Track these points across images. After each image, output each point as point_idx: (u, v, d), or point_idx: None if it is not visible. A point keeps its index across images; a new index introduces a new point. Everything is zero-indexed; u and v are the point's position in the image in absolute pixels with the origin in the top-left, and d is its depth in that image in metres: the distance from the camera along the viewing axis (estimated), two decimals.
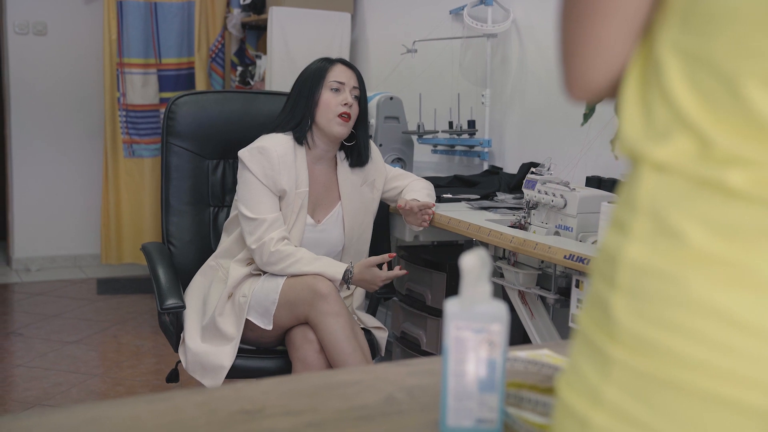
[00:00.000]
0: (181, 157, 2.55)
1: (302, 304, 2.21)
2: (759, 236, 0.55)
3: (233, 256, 2.39)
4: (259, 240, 2.26)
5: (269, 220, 2.27)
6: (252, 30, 4.66)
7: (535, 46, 3.00)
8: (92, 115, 5.00)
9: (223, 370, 2.24)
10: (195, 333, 2.33)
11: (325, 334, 2.18)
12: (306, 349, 2.22)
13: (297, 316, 2.23)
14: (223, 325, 2.28)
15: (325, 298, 2.19)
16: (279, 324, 2.26)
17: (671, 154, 0.59)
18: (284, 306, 2.23)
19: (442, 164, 3.45)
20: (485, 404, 0.94)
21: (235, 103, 2.65)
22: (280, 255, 2.26)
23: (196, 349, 2.29)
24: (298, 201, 2.33)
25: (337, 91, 2.35)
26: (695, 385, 0.56)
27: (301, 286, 2.23)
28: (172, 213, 2.55)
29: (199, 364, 2.28)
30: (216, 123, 2.59)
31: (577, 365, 0.63)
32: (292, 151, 2.32)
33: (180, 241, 2.55)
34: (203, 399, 1.01)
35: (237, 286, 2.32)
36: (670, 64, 0.61)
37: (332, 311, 2.19)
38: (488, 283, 0.93)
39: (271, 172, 2.28)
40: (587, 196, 2.13)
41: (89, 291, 4.66)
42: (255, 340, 2.33)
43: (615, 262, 0.62)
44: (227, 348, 2.26)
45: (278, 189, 2.30)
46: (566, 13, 0.66)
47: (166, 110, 2.56)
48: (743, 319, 0.55)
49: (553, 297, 2.15)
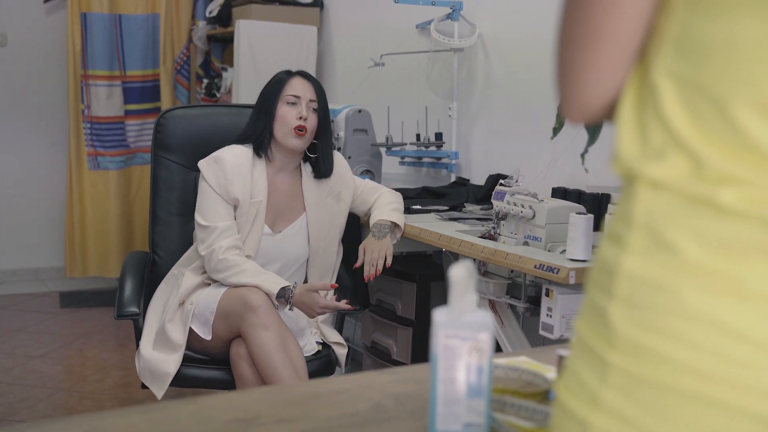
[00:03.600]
0: (169, 170, 2.61)
1: (234, 316, 2.21)
2: (748, 250, 0.60)
3: (190, 264, 2.42)
4: (209, 247, 2.30)
5: (220, 227, 2.30)
6: (217, 42, 4.67)
7: (501, 60, 3.07)
8: (56, 126, 4.95)
9: (167, 377, 2.25)
10: (149, 340, 2.35)
11: (254, 347, 2.16)
12: (240, 364, 2.20)
13: (231, 328, 2.23)
14: (171, 332, 2.30)
15: (254, 311, 2.17)
16: (217, 335, 2.26)
17: (666, 172, 0.64)
18: (221, 317, 2.24)
19: (409, 176, 3.49)
20: (473, 409, 0.97)
21: (223, 116, 2.72)
22: (226, 264, 2.28)
23: (147, 356, 2.32)
24: (253, 210, 2.35)
25: (293, 104, 2.38)
26: (689, 388, 0.60)
27: (235, 297, 2.23)
28: (158, 224, 2.60)
29: (149, 370, 2.31)
30: (204, 136, 2.64)
31: (576, 371, 0.67)
32: (249, 161, 2.36)
33: (165, 251, 2.59)
34: (196, 409, 1.03)
35: (189, 294, 2.35)
36: (664, 88, 0.65)
37: (260, 323, 2.17)
38: (475, 293, 0.97)
39: (224, 181, 2.32)
40: (555, 207, 2.19)
41: (52, 304, 4.61)
42: (202, 350, 2.34)
43: (612, 274, 0.66)
44: (174, 356, 2.27)
45: (231, 198, 2.33)
46: (564, 40, 0.71)
47: (155, 123, 2.63)
48: (733, 327, 0.59)
49: (523, 306, 2.20)
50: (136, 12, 4.66)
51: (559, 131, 1.85)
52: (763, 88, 0.60)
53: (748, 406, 0.59)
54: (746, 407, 0.59)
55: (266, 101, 2.41)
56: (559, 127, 1.84)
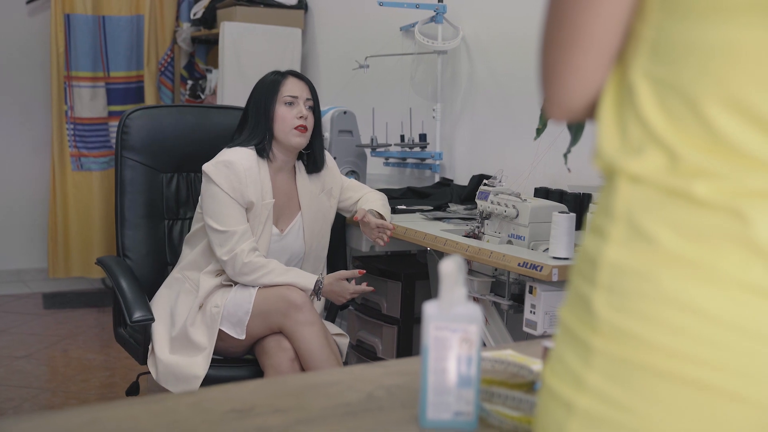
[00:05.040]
0: (135, 171, 2.58)
1: (276, 314, 2.28)
2: (721, 239, 0.64)
3: (200, 268, 2.42)
4: (230, 252, 2.31)
5: (239, 231, 2.32)
6: (201, 44, 4.69)
7: (484, 63, 3.12)
8: (39, 128, 4.94)
9: (197, 379, 2.27)
10: (164, 344, 2.36)
11: (301, 343, 2.26)
12: (280, 357, 2.27)
13: (270, 325, 2.30)
14: (194, 336, 2.32)
15: (299, 308, 2.26)
16: (251, 334, 2.31)
17: (644, 167, 0.68)
18: (258, 316, 2.29)
19: (394, 176, 3.53)
20: (462, 398, 1.01)
21: (189, 117, 2.69)
22: (253, 266, 2.31)
23: (167, 360, 2.32)
24: (265, 212, 2.38)
25: (291, 104, 2.41)
26: (667, 368, 0.64)
27: (275, 296, 2.29)
28: (127, 226, 2.56)
29: (172, 374, 2.31)
30: (170, 137, 2.62)
31: (561, 355, 0.72)
32: (256, 164, 2.38)
33: (136, 254, 2.56)
34: (195, 400, 1.07)
35: (207, 297, 2.36)
36: (641, 88, 0.70)
37: (307, 321, 2.26)
38: (464, 286, 1.01)
39: (238, 185, 2.32)
40: (538, 206, 2.23)
41: (35, 306, 4.60)
42: (223, 350, 2.37)
43: (595, 264, 0.70)
44: (199, 358, 2.29)
45: (246, 201, 2.34)
46: (547, 43, 0.75)
47: (120, 124, 2.58)
48: (707, 310, 0.64)
49: (507, 303, 2.25)
50: (120, 13, 4.67)
51: (542, 132, 1.90)
52: (732, 87, 0.65)
53: (721, 384, 0.63)
54: (720, 385, 0.63)
55: (263, 103, 2.42)
56: (542, 127, 1.88)
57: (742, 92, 0.64)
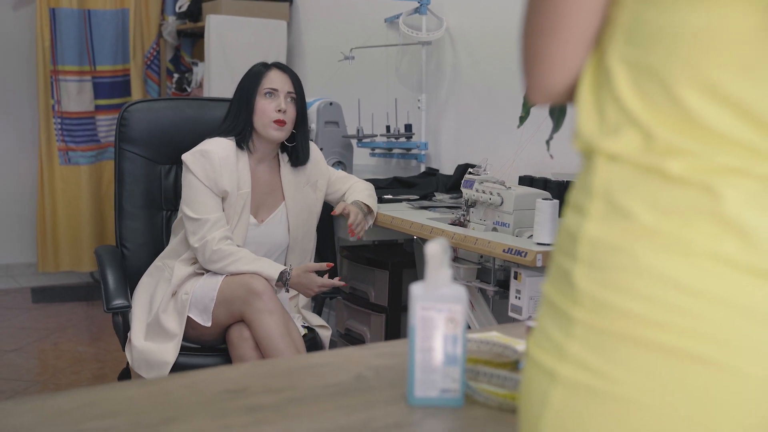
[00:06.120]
0: (133, 163, 2.63)
1: (238, 302, 2.29)
2: (693, 214, 0.68)
3: (179, 255, 2.46)
4: (201, 239, 2.34)
5: (212, 219, 2.35)
6: (187, 37, 4.70)
7: (468, 53, 3.15)
8: (25, 122, 4.94)
9: (166, 365, 2.31)
10: (140, 331, 2.40)
11: (259, 330, 2.26)
12: (242, 346, 2.30)
13: (233, 313, 2.31)
14: (166, 322, 2.35)
15: (259, 296, 2.27)
16: (217, 321, 2.33)
17: (621, 146, 0.72)
18: (222, 304, 2.31)
19: (380, 167, 3.56)
20: (449, 376, 1.05)
21: (187, 109, 2.73)
22: (222, 254, 2.34)
23: (141, 347, 2.36)
24: (240, 201, 2.41)
25: (271, 95, 2.43)
26: (644, 337, 0.68)
27: (238, 284, 2.31)
28: (125, 217, 2.62)
29: (144, 361, 2.35)
30: (168, 129, 2.66)
31: (544, 327, 0.75)
32: (234, 154, 2.40)
33: (133, 243, 2.62)
34: (189, 382, 1.10)
35: (181, 285, 2.40)
36: (617, 71, 0.73)
37: (266, 308, 2.27)
38: (449, 268, 1.05)
39: (213, 174, 2.36)
40: (522, 194, 2.27)
41: (24, 300, 4.61)
42: (197, 338, 2.40)
43: (575, 239, 0.74)
44: (170, 345, 2.33)
45: (220, 190, 2.37)
46: (529, 30, 0.79)
47: (119, 117, 2.63)
48: (681, 281, 0.67)
49: (493, 289, 2.28)
50: (105, 7, 4.67)
51: (525, 120, 1.93)
52: (702, 69, 0.68)
53: (695, 351, 0.67)
54: (694, 352, 0.67)
55: (245, 94, 2.45)
56: (525, 115, 1.91)
57: (711, 74, 0.68)
